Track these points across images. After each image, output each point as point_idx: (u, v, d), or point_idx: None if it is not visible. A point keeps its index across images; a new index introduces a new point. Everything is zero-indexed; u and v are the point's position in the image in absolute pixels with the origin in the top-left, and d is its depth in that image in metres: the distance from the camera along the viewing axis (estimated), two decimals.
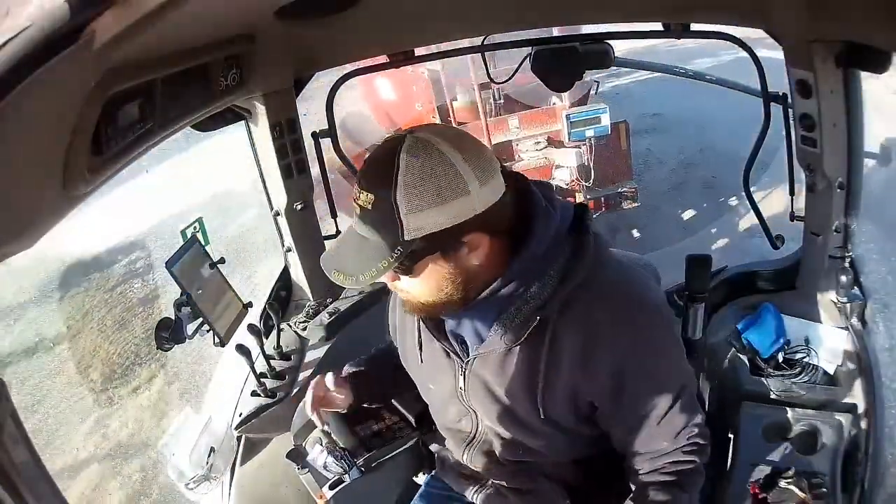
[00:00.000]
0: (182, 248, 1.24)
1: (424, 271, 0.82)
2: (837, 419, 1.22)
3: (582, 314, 0.86)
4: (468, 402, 0.99)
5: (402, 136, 0.78)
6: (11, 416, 0.48)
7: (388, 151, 0.78)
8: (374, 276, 0.79)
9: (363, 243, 0.80)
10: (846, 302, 1.33)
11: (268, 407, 1.42)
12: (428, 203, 0.76)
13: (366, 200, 0.78)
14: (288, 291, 1.71)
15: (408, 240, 0.77)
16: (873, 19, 0.87)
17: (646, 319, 0.86)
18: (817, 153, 1.22)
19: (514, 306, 0.86)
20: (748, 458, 1.22)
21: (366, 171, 0.80)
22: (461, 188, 0.76)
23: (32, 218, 0.57)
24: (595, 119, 4.80)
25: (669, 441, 0.93)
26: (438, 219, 0.76)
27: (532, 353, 0.89)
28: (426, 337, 1.01)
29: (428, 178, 0.76)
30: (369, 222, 0.79)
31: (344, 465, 1.08)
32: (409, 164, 0.76)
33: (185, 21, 0.73)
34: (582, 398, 0.91)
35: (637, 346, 0.86)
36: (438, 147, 0.77)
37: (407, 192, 0.75)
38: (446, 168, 0.76)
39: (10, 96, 0.43)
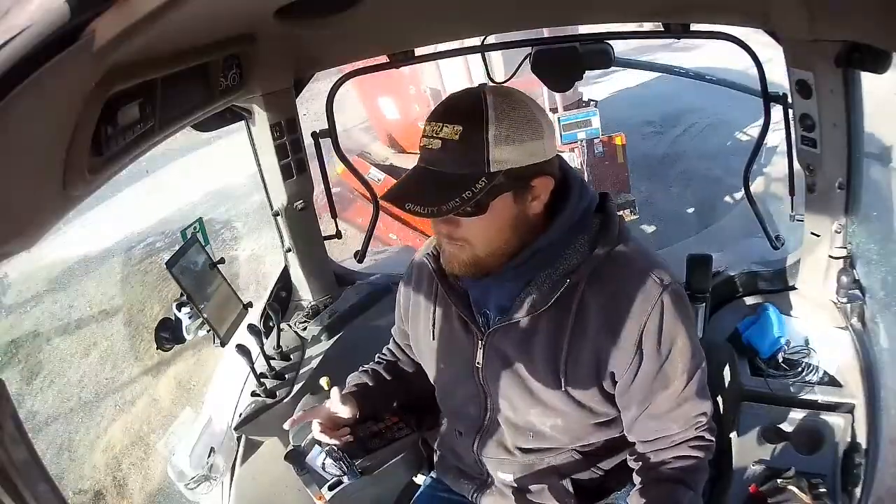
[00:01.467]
0: (182, 248, 1.24)
1: (495, 211, 0.85)
2: (837, 419, 1.22)
3: (609, 284, 0.90)
4: (483, 379, 0.99)
5: (479, 86, 0.86)
6: (11, 416, 0.48)
7: (471, 93, 0.84)
8: (458, 206, 0.80)
9: (442, 177, 0.83)
10: (846, 302, 1.33)
11: (268, 407, 1.42)
12: (513, 137, 0.81)
13: (452, 132, 0.81)
14: (288, 291, 1.71)
15: (493, 171, 0.81)
16: (873, 19, 0.87)
17: (668, 295, 0.89)
18: (817, 153, 1.22)
19: (544, 271, 0.91)
20: (748, 458, 1.22)
21: (450, 106, 0.84)
22: (538, 131, 0.84)
23: (32, 218, 0.57)
24: (586, 122, 4.93)
25: (679, 426, 0.95)
26: (520, 155, 0.82)
27: (558, 319, 0.91)
28: (442, 312, 1.03)
29: (514, 116, 0.82)
30: (453, 154, 0.81)
31: (343, 466, 1.08)
32: (495, 102, 0.81)
33: (185, 21, 0.73)
34: (604, 367, 0.92)
35: (661, 317, 0.89)
36: (517, 95, 0.85)
37: (497, 124, 0.80)
38: (526, 112, 0.83)
39: (10, 96, 0.43)
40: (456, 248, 0.90)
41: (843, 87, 1.10)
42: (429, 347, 1.06)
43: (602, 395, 0.95)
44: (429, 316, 1.05)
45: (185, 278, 1.21)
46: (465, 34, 1.68)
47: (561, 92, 4.28)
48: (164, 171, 7.21)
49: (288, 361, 1.54)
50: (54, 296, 6.18)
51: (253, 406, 1.42)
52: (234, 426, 1.42)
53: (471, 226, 0.86)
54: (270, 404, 1.43)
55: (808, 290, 1.43)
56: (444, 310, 1.02)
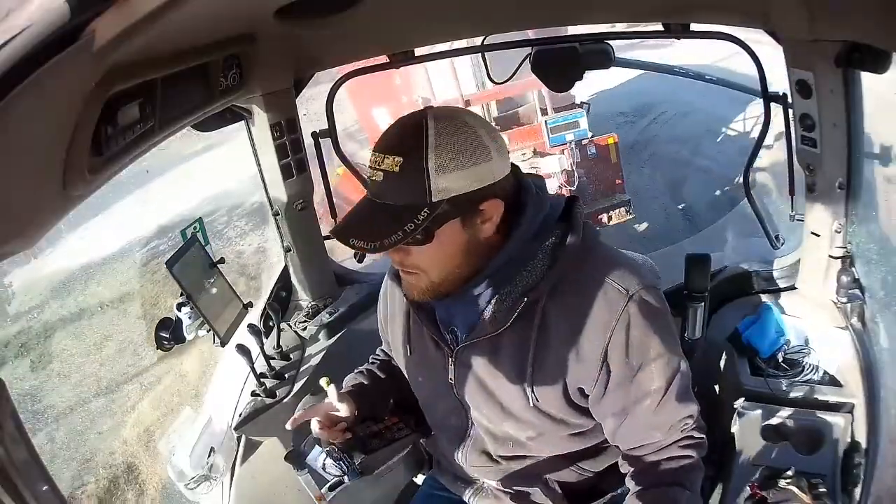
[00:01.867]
0: (182, 248, 1.24)
1: (442, 238, 0.83)
2: (837, 419, 1.22)
3: (571, 298, 0.88)
4: (459, 395, 0.99)
5: (423, 109, 0.82)
6: (11, 416, 0.48)
7: (414, 119, 0.81)
8: (400, 239, 0.78)
9: (385, 210, 0.80)
10: (846, 302, 1.33)
11: (268, 407, 1.42)
12: (456, 164, 0.79)
13: (392, 164, 0.79)
14: (288, 291, 1.71)
15: (435, 201, 0.79)
16: (873, 19, 0.87)
17: (634, 304, 0.86)
18: (817, 153, 1.22)
19: (504, 289, 0.88)
20: (748, 458, 1.22)
21: (391, 137, 0.82)
22: (484, 153, 0.81)
23: (32, 218, 0.57)
24: (574, 123, 4.97)
25: (663, 433, 0.93)
26: (464, 181, 0.80)
27: (521, 337, 0.90)
28: (415, 329, 1.02)
29: (456, 141, 0.79)
30: (394, 186, 0.80)
31: (343, 466, 1.07)
32: (437, 129, 0.79)
33: (185, 21, 0.73)
34: (572, 383, 0.91)
35: (627, 329, 0.86)
36: (460, 116, 0.82)
37: (437, 152, 0.78)
38: (470, 134, 0.80)
39: (10, 96, 0.43)
40: (411, 277, 0.88)
41: (843, 87, 1.10)
42: (406, 362, 1.06)
43: (573, 408, 0.94)
44: (404, 332, 1.04)
45: (185, 278, 1.21)
46: (465, 34, 1.68)
47: (561, 92, 4.29)
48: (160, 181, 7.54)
49: (288, 361, 1.54)
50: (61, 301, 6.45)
51: (253, 406, 1.42)
52: (234, 426, 1.42)
53: (420, 254, 0.84)
54: (270, 404, 1.43)
55: (808, 289, 1.43)
56: (416, 327, 1.01)
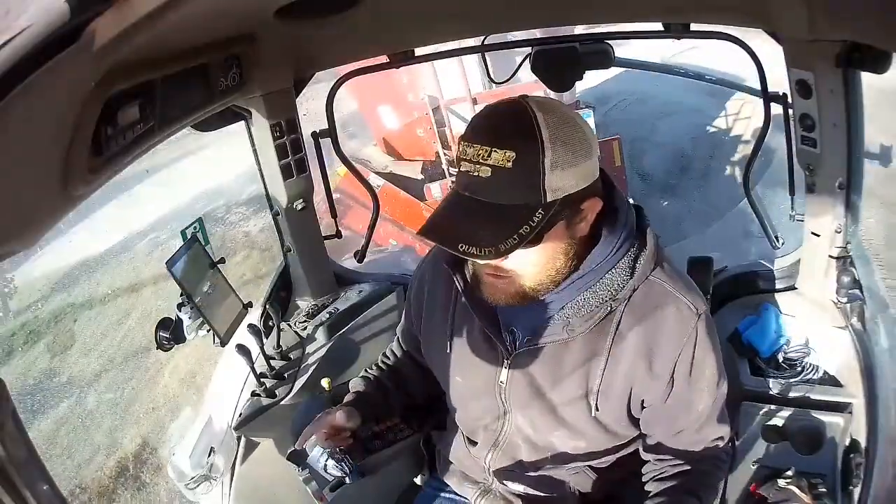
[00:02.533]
0: (182, 248, 1.24)
1: (550, 240, 0.78)
2: (837, 419, 1.22)
3: (647, 310, 0.85)
4: (507, 399, 0.95)
5: (518, 98, 0.75)
6: (12, 416, 0.48)
7: (517, 110, 0.73)
8: (516, 244, 0.72)
9: (492, 210, 0.73)
10: (846, 302, 1.33)
11: (268, 407, 1.42)
12: (569, 161, 0.73)
13: (503, 159, 0.71)
14: (288, 291, 1.71)
15: (549, 202, 0.73)
16: (873, 19, 0.87)
17: (702, 323, 0.87)
18: (817, 153, 1.22)
19: (584, 296, 0.84)
20: (748, 458, 1.22)
21: (497, 128, 0.73)
22: (588, 148, 0.75)
23: (32, 218, 0.57)
24: None
25: (698, 448, 0.94)
26: (574, 179, 0.74)
27: (593, 345, 0.87)
28: (461, 326, 0.97)
29: (567, 136, 0.73)
30: (506, 184, 0.72)
31: (344, 466, 1.07)
32: (547, 122, 0.72)
33: (185, 21, 0.73)
34: (636, 396, 0.90)
35: (694, 347, 0.86)
36: (562, 108, 0.75)
37: (553, 147, 0.71)
38: (577, 130, 0.75)
39: (10, 96, 0.43)
40: (501, 281, 0.83)
41: (843, 87, 1.10)
42: (443, 358, 1.01)
43: (630, 419, 0.94)
44: (446, 327, 0.99)
45: (186, 278, 1.21)
46: (465, 34, 1.68)
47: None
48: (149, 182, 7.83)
49: (288, 361, 1.54)
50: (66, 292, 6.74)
51: (253, 406, 1.42)
52: (234, 426, 1.42)
53: (522, 258, 0.78)
54: (270, 404, 1.42)
55: (808, 290, 1.43)
56: (464, 323, 0.97)
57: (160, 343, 1.25)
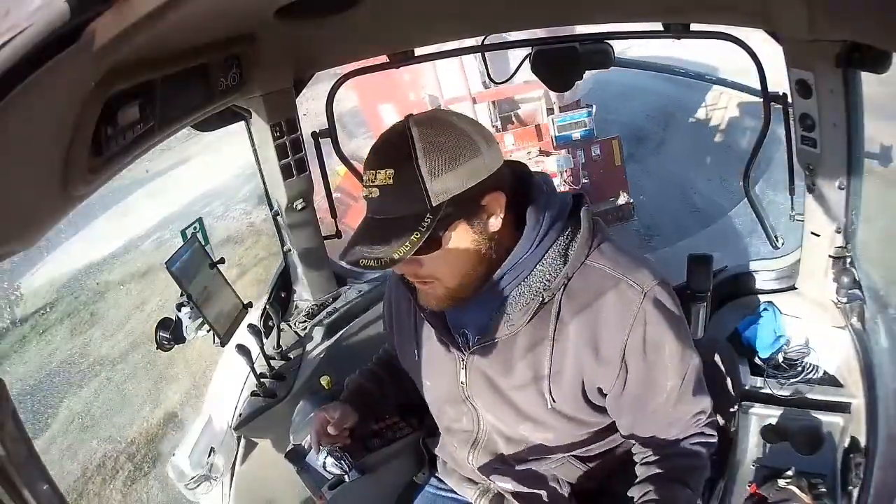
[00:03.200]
0: (182, 248, 1.24)
1: (452, 242, 0.82)
2: (837, 419, 1.22)
3: (586, 296, 0.86)
4: (470, 398, 0.98)
5: (404, 119, 0.82)
6: (11, 416, 0.48)
7: (397, 130, 0.81)
8: (409, 250, 0.77)
9: (387, 224, 0.80)
10: (846, 302, 1.33)
11: (268, 407, 1.42)
12: (447, 165, 0.78)
13: (385, 177, 0.78)
14: (288, 291, 1.71)
15: (436, 205, 0.78)
16: (873, 19, 0.87)
17: (650, 301, 0.86)
18: (817, 153, 1.22)
19: (517, 289, 0.87)
20: (748, 458, 1.22)
21: (379, 151, 0.81)
22: (473, 148, 0.80)
23: (32, 218, 0.57)
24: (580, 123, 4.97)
25: (678, 428, 0.94)
26: (459, 179, 0.79)
27: (537, 338, 0.89)
28: (424, 332, 1.01)
29: (442, 142, 0.78)
30: (393, 199, 0.79)
31: (343, 465, 1.08)
32: (421, 133, 0.78)
33: (185, 21, 0.73)
34: (589, 381, 0.90)
35: (644, 327, 0.86)
36: (441, 117, 0.82)
37: (426, 156, 0.77)
38: (456, 131, 0.80)
39: (10, 96, 0.43)
40: (427, 287, 0.87)
41: (843, 87, 1.10)
42: (415, 365, 1.05)
43: (591, 407, 0.94)
44: (411, 335, 1.03)
45: (185, 278, 1.21)
46: (465, 34, 1.68)
47: (560, 92, 4.32)
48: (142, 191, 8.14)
49: (288, 361, 1.54)
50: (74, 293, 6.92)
51: (253, 406, 1.42)
52: (234, 426, 1.42)
53: (432, 262, 0.83)
54: (270, 404, 1.42)
55: (808, 290, 1.43)
56: (426, 331, 1.00)
57: (160, 343, 1.25)
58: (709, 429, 0.96)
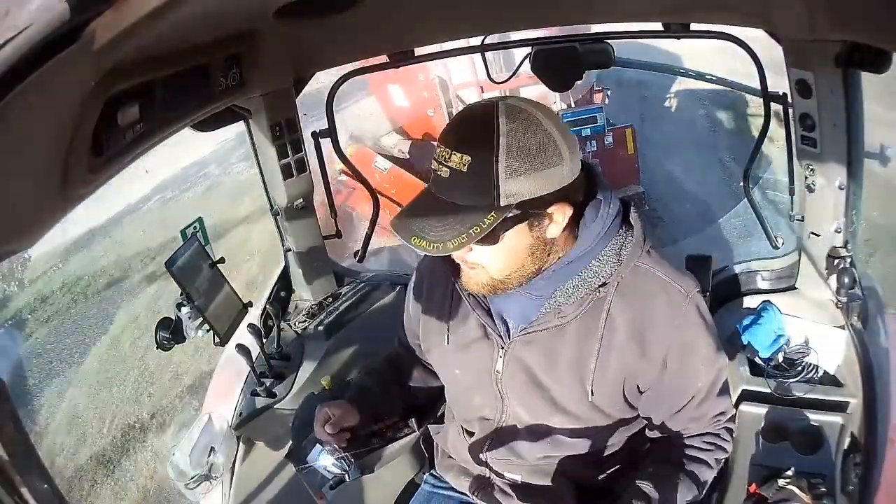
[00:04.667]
0: (182, 247, 1.24)
1: (508, 241, 0.81)
2: (837, 419, 1.22)
3: (637, 296, 0.88)
4: (502, 388, 0.97)
5: (494, 101, 0.78)
6: (11, 416, 0.48)
7: (484, 114, 0.77)
8: (464, 243, 0.75)
9: (450, 208, 0.77)
10: (846, 302, 1.33)
11: (268, 407, 1.42)
12: (527, 168, 0.75)
13: (460, 162, 0.75)
14: (288, 291, 1.71)
15: (503, 205, 0.76)
16: (873, 19, 0.87)
17: (693, 305, 0.89)
18: (817, 153, 1.22)
19: (572, 282, 0.88)
20: (748, 458, 1.22)
21: (460, 131, 0.78)
22: (557, 156, 0.77)
23: (32, 218, 0.57)
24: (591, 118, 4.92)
25: (698, 425, 0.97)
26: (534, 185, 0.77)
27: (585, 331, 0.89)
28: (457, 318, 1.00)
29: (528, 142, 0.75)
30: (461, 185, 0.76)
31: (343, 464, 1.07)
32: (509, 129, 0.75)
33: (185, 21, 0.73)
34: (631, 379, 0.92)
35: (686, 329, 0.88)
36: (535, 115, 0.77)
37: (508, 155, 0.74)
38: (544, 135, 0.77)
39: (10, 96, 0.43)
40: (471, 271, 0.87)
41: (843, 87, 1.10)
42: (443, 352, 1.04)
43: (626, 403, 0.95)
44: (443, 321, 1.02)
45: (186, 278, 1.21)
46: (465, 34, 1.68)
47: (560, 92, 4.31)
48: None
49: (288, 361, 1.54)
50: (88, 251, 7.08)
51: (253, 406, 1.42)
52: (234, 426, 1.42)
53: (483, 252, 0.82)
54: (270, 404, 1.42)
55: (808, 289, 1.43)
56: (460, 316, 1.00)
57: (160, 343, 1.25)
58: (725, 432, 0.98)
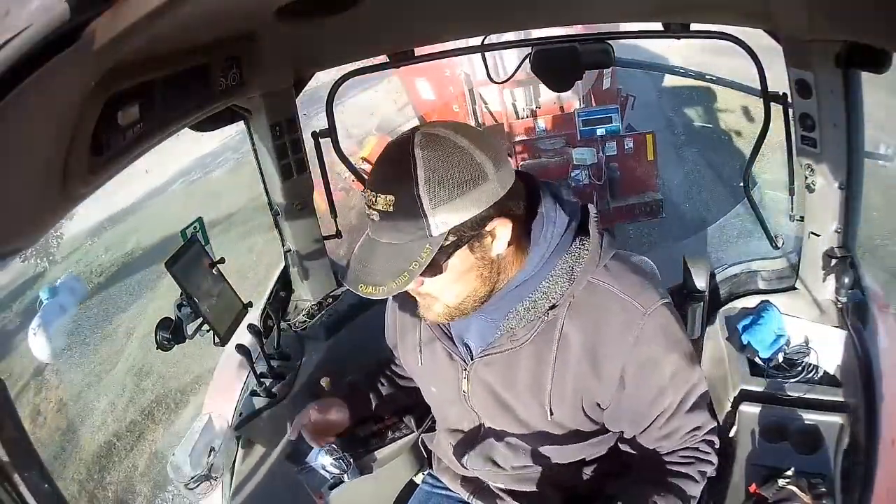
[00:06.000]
0: (182, 247, 1.24)
1: (453, 268, 0.80)
2: (837, 419, 1.22)
3: (590, 314, 0.86)
4: (472, 406, 0.99)
5: (409, 133, 0.78)
6: (11, 416, 0.48)
7: (400, 150, 0.76)
8: (407, 281, 0.75)
9: (387, 249, 0.77)
10: (846, 302, 1.33)
11: (268, 407, 1.42)
12: (451, 194, 0.74)
13: (385, 203, 0.75)
14: (288, 291, 1.71)
15: (436, 235, 0.76)
16: (873, 19, 0.87)
17: (651, 321, 0.86)
18: (817, 153, 1.22)
19: (523, 305, 0.87)
20: (748, 458, 1.22)
21: (379, 173, 0.78)
22: (480, 174, 0.76)
23: (32, 218, 0.57)
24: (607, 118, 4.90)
25: (671, 443, 0.94)
26: (462, 209, 0.75)
27: (540, 353, 0.89)
28: (426, 339, 1.01)
29: (447, 169, 0.74)
30: (391, 226, 0.76)
31: (343, 465, 1.08)
32: (425, 158, 0.74)
33: (185, 21, 0.73)
34: (589, 398, 0.91)
35: (644, 347, 0.86)
36: (449, 138, 0.76)
37: (428, 186, 0.74)
38: (462, 156, 0.75)
39: (10, 96, 0.43)
40: (426, 302, 0.87)
41: (843, 87, 1.10)
42: (418, 370, 1.06)
43: (589, 419, 0.95)
44: (415, 341, 1.03)
45: (186, 278, 1.21)
46: (465, 34, 1.68)
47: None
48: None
49: (288, 361, 1.54)
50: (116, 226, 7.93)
51: (253, 406, 1.42)
52: (234, 426, 1.42)
53: (432, 284, 0.82)
54: (270, 404, 1.42)
55: (808, 289, 1.43)
56: (430, 339, 1.01)
57: (160, 343, 1.24)
58: (704, 445, 0.95)
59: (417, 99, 5.85)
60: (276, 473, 1.39)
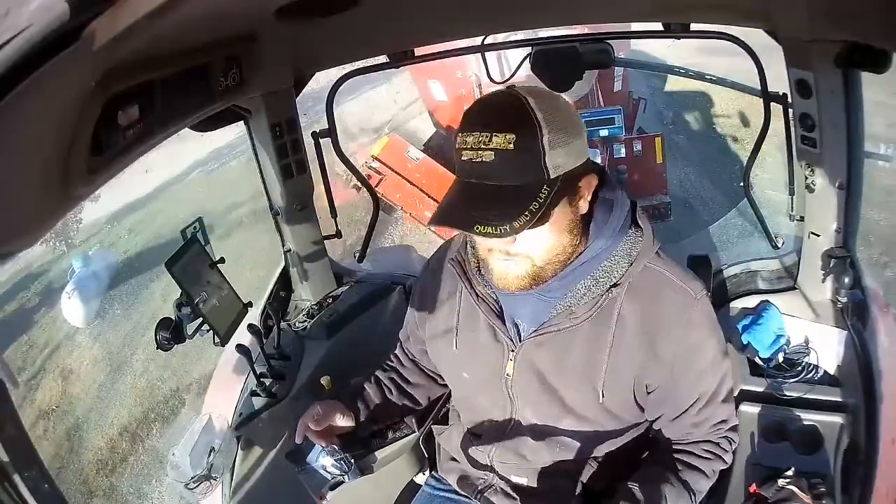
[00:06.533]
0: (182, 247, 1.24)
1: (555, 219, 0.81)
2: (837, 419, 1.22)
3: (647, 297, 0.88)
4: (512, 391, 0.97)
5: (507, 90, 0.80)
6: (11, 416, 0.48)
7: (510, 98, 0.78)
8: (529, 220, 0.75)
9: (503, 192, 0.76)
10: (846, 302, 1.33)
11: (268, 407, 1.42)
12: (564, 140, 0.77)
13: (504, 142, 0.75)
14: (288, 291, 1.71)
15: (553, 178, 0.77)
16: (873, 19, 0.87)
17: (701, 307, 0.89)
18: (817, 153, 1.22)
19: (584, 283, 0.88)
20: (748, 458, 1.22)
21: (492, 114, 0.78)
22: (579, 128, 0.80)
23: (32, 218, 0.57)
24: (609, 119, 4.88)
25: (701, 431, 0.97)
26: (571, 157, 0.78)
27: (596, 333, 0.89)
28: (465, 322, 1.00)
29: (559, 117, 0.77)
30: (510, 165, 0.76)
31: (343, 465, 1.07)
32: (540, 105, 0.76)
33: (185, 21, 0.73)
34: (640, 381, 0.92)
35: (695, 330, 0.89)
36: (554, 95, 0.81)
37: (549, 128, 0.76)
38: (567, 107, 0.80)
39: (10, 96, 0.43)
40: (512, 264, 0.85)
41: (843, 87, 1.10)
42: (450, 356, 1.03)
43: (636, 404, 0.95)
44: (451, 324, 1.01)
45: (186, 278, 1.21)
46: (465, 34, 1.68)
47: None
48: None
49: (288, 361, 1.54)
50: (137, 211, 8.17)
51: (253, 406, 1.42)
52: (234, 426, 1.42)
53: (531, 238, 0.81)
54: (270, 404, 1.42)
55: (808, 289, 1.43)
56: (469, 318, 0.99)
57: (160, 343, 1.25)
58: (725, 442, 0.98)
59: (430, 99, 5.91)
60: (276, 473, 1.39)
